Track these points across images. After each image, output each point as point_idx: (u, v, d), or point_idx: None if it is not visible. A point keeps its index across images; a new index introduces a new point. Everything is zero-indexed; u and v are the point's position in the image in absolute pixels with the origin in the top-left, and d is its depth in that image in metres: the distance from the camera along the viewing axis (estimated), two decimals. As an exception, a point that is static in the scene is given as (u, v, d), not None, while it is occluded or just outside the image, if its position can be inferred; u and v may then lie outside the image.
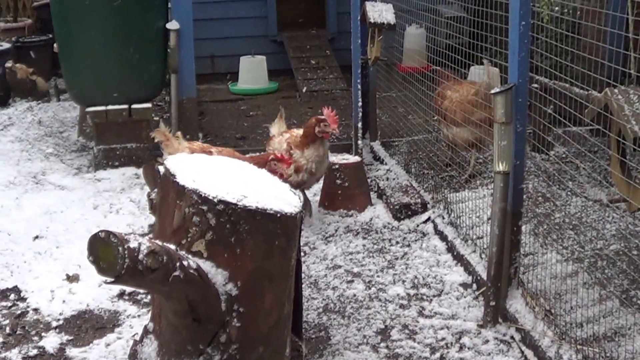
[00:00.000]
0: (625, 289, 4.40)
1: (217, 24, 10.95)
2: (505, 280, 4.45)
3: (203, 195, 3.44)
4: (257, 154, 6.21)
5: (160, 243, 3.19)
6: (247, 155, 5.62)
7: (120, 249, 2.94)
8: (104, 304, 4.88)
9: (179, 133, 5.68)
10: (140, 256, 2.96)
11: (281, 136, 6.12)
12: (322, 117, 5.89)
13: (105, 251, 2.97)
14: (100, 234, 2.96)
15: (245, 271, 3.54)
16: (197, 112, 8.53)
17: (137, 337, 3.95)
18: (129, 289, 4.96)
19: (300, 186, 5.92)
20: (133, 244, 2.95)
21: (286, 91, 10.48)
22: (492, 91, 4.10)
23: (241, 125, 8.89)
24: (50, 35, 9.28)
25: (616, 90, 3.86)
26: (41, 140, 8.38)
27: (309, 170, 5.87)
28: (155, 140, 5.66)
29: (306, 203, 6.15)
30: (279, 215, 3.54)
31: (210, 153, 5.21)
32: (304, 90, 10.19)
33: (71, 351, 4.38)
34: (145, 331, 3.90)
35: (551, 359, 3.97)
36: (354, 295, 4.93)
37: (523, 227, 4.71)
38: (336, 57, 10.86)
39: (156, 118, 8.79)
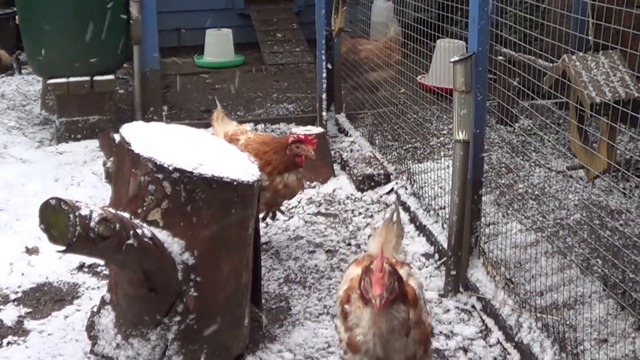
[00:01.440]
0: (585, 257, 4.42)
1: (184, -3, 10.84)
2: (466, 249, 4.46)
3: (158, 163, 3.40)
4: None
5: (113, 211, 3.16)
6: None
7: (71, 216, 2.89)
8: (64, 277, 4.82)
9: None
10: (92, 224, 2.92)
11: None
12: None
13: (56, 219, 2.93)
14: (51, 201, 2.92)
15: (201, 240, 3.51)
16: (161, 84, 8.43)
17: (95, 309, 3.92)
18: (88, 261, 4.91)
19: None
20: (84, 212, 2.91)
21: (252, 64, 10.40)
22: (452, 59, 4.07)
23: (206, 98, 8.82)
24: (15, 8, 9.12)
25: (574, 57, 3.85)
26: (3, 113, 8.25)
27: None
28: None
29: None
30: (235, 183, 3.51)
31: (238, 139, 4.96)
32: (269, 63, 10.13)
33: (29, 323, 4.33)
34: (103, 302, 3.87)
35: (511, 327, 3.99)
36: (316, 265, 4.91)
37: (485, 198, 4.71)
38: (303, 30, 10.80)
39: (120, 90, 8.72)
